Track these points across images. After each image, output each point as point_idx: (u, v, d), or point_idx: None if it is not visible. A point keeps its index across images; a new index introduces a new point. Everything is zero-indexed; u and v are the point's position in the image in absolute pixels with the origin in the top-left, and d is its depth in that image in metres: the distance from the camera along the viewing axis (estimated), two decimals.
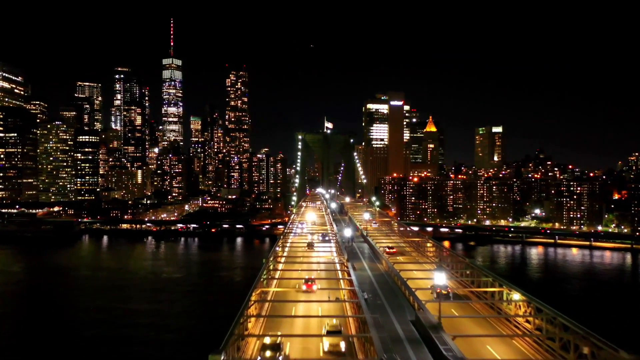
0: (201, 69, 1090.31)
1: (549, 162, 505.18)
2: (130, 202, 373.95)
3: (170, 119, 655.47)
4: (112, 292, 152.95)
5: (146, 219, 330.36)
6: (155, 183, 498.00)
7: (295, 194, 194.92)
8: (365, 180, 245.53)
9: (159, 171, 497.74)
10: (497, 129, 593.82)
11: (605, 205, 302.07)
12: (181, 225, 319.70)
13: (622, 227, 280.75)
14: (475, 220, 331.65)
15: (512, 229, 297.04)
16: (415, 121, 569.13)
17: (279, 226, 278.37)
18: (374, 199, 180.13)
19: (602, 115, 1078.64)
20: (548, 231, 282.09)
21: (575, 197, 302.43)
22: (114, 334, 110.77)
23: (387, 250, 72.27)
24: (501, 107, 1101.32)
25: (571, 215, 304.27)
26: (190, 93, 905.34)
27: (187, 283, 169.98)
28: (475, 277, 52.22)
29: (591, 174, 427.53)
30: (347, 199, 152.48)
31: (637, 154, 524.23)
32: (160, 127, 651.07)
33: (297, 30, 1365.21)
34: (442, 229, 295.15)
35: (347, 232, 78.28)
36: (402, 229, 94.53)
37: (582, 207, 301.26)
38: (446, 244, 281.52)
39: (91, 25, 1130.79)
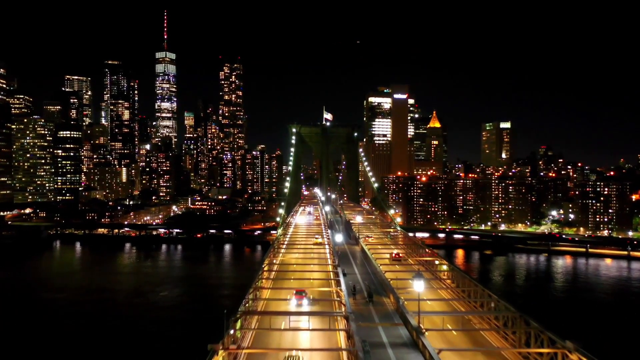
0: (196, 62, 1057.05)
1: (561, 160, 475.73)
2: (110, 203, 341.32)
3: (164, 115, 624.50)
4: (65, 320, 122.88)
5: (125, 223, 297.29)
6: (144, 182, 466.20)
7: (284, 203, 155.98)
8: (376, 184, 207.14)
9: (147, 169, 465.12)
10: (505, 125, 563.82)
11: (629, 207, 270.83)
12: (164, 229, 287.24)
13: None
14: (489, 224, 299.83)
15: (535, 236, 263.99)
16: (418, 117, 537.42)
17: (272, 231, 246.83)
18: (392, 212, 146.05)
19: (598, 112, 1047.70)
20: (577, 238, 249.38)
21: (602, 198, 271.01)
22: None
23: None
24: (499, 104, 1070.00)
25: (597, 219, 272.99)
26: (185, 87, 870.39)
27: (157, 309, 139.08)
28: None
29: (612, 173, 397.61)
30: (358, 218, 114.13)
31: None
32: (154, 123, 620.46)
33: (295, 20, 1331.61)
34: (456, 236, 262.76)
35: None
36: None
37: (610, 210, 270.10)
38: (460, 252, 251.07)
39: (83, 18, 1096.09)
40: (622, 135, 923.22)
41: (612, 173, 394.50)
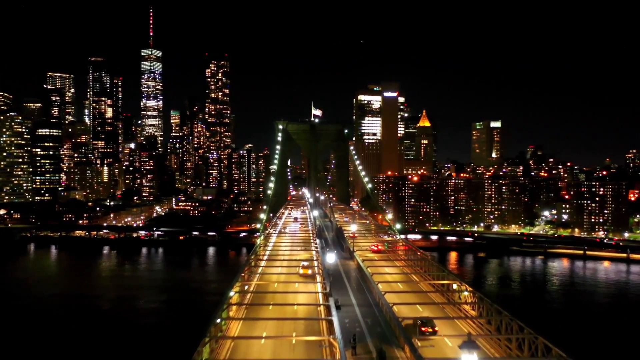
0: (182, 60, 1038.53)
1: (551, 160, 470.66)
2: (90, 203, 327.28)
3: (150, 113, 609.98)
4: (32, 329, 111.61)
5: (105, 225, 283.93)
6: (127, 182, 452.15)
7: (267, 207, 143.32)
8: (369, 185, 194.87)
9: (130, 168, 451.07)
10: (496, 124, 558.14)
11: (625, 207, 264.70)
12: (145, 232, 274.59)
13: None
14: (482, 225, 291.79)
15: (531, 237, 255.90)
16: (407, 116, 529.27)
17: (257, 234, 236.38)
18: (389, 216, 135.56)
19: (582, 112, 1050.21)
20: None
21: (597, 198, 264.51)
22: None
23: None
24: (488, 104, 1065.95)
25: (592, 220, 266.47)
26: (171, 85, 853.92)
27: (132, 318, 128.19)
28: None
29: (604, 172, 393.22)
30: (351, 224, 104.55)
31: (634, 150, 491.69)
32: (140, 121, 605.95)
33: (284, 17, 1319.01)
34: (449, 238, 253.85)
35: None
36: None
37: (605, 211, 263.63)
38: (453, 255, 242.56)
39: (67, 14, 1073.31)
40: (606, 135, 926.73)
41: (604, 173, 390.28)
